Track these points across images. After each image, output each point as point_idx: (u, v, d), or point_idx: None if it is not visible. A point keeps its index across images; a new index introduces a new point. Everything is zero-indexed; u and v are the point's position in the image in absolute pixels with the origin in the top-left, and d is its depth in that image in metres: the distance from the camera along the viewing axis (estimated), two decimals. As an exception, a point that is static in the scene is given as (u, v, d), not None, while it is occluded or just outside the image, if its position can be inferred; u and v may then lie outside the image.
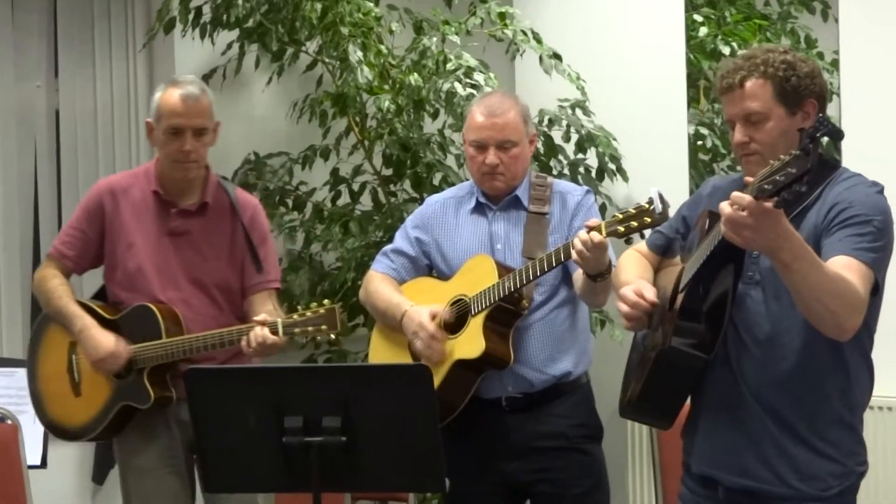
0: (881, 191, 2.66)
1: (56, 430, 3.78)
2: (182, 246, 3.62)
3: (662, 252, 2.98)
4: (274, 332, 3.42)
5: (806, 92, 2.68)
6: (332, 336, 3.48)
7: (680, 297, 2.67)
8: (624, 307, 2.78)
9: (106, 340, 3.55)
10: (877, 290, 2.58)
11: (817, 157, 2.27)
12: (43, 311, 3.75)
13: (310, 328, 3.42)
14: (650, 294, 2.75)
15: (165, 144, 3.56)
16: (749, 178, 2.41)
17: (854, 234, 2.54)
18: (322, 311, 3.41)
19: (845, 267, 2.50)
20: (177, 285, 3.61)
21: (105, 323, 3.60)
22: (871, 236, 2.55)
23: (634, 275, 2.90)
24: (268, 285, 3.69)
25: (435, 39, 4.66)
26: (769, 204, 2.32)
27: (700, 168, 5.09)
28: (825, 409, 2.67)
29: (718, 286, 2.64)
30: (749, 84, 2.67)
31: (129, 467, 3.65)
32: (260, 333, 3.42)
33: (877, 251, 2.55)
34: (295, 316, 3.46)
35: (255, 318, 3.47)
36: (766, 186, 2.31)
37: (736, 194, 2.38)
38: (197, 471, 3.58)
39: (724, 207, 2.39)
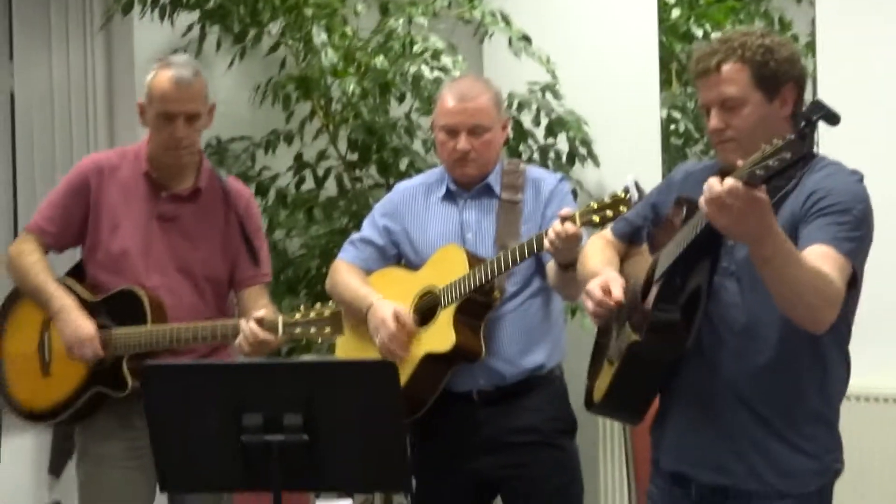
0: (861, 179, 2.58)
1: (16, 410, 3.60)
2: (171, 231, 3.48)
3: (629, 240, 2.89)
4: (273, 329, 3.32)
5: (785, 77, 2.58)
6: (333, 339, 3.38)
7: (655, 288, 2.58)
8: (590, 304, 2.70)
9: (85, 325, 3.39)
10: (855, 282, 2.51)
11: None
12: (14, 287, 3.59)
13: (312, 329, 3.32)
14: (617, 291, 2.66)
15: (157, 129, 3.42)
16: (741, 162, 2.30)
17: (833, 223, 2.47)
18: (327, 312, 3.31)
19: (823, 256, 2.42)
20: (163, 271, 3.46)
21: (85, 304, 3.45)
22: (849, 225, 2.47)
23: (600, 262, 2.81)
24: (263, 279, 3.59)
25: (401, 21, 4.57)
26: (761, 193, 2.23)
27: (672, 152, 5.04)
28: (802, 403, 2.60)
29: (695, 277, 2.55)
30: (726, 68, 2.57)
31: (90, 453, 3.50)
32: (255, 330, 3.30)
33: (855, 241, 2.48)
34: (297, 315, 3.34)
35: (255, 315, 3.34)
36: (758, 172, 2.22)
37: (728, 179, 2.27)
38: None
39: (712, 186, 2.28)
